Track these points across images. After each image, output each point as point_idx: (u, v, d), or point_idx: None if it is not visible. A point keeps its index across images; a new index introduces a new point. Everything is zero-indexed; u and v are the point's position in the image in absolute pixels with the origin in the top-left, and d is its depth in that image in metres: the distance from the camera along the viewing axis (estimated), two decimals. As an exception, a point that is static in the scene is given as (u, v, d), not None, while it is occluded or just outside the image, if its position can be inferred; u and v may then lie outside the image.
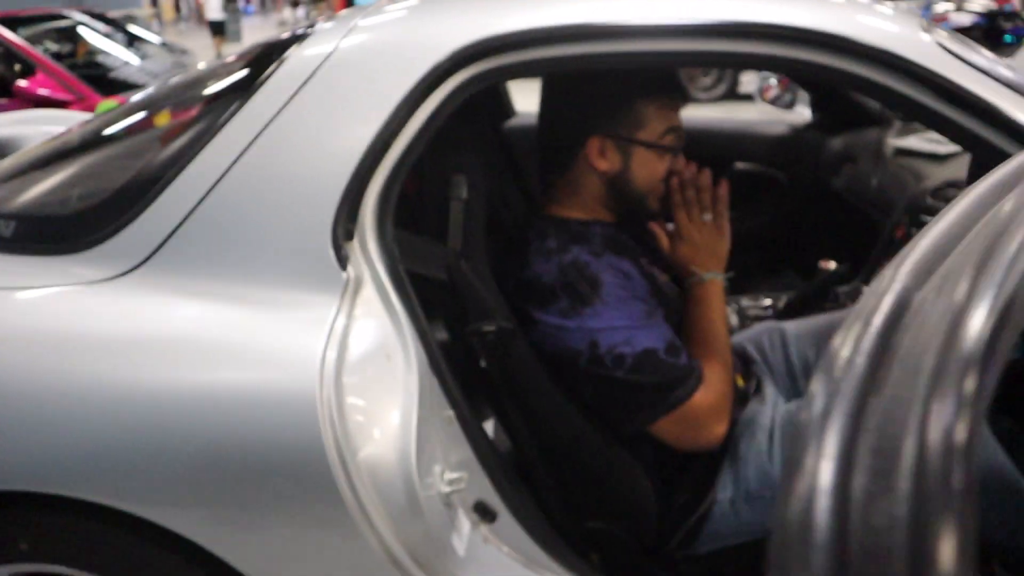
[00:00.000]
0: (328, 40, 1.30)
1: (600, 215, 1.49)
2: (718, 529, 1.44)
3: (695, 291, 1.48)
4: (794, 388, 1.68)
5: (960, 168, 2.23)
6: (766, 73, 3.26)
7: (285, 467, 1.12)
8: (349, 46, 1.28)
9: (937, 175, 2.21)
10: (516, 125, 2.81)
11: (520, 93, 2.67)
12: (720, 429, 1.37)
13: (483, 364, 1.39)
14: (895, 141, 2.54)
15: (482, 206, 1.50)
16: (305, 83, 1.25)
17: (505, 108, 2.83)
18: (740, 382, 1.57)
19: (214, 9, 17.42)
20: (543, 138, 1.53)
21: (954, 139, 1.29)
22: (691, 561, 1.47)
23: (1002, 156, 1.21)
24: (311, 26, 1.44)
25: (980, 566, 1.65)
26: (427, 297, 1.32)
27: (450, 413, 1.27)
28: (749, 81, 9.05)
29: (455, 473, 1.23)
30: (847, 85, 1.31)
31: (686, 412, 1.34)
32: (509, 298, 1.43)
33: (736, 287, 2.43)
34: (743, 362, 1.65)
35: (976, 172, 1.83)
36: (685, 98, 1.46)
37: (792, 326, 1.80)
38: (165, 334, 1.17)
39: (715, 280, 1.47)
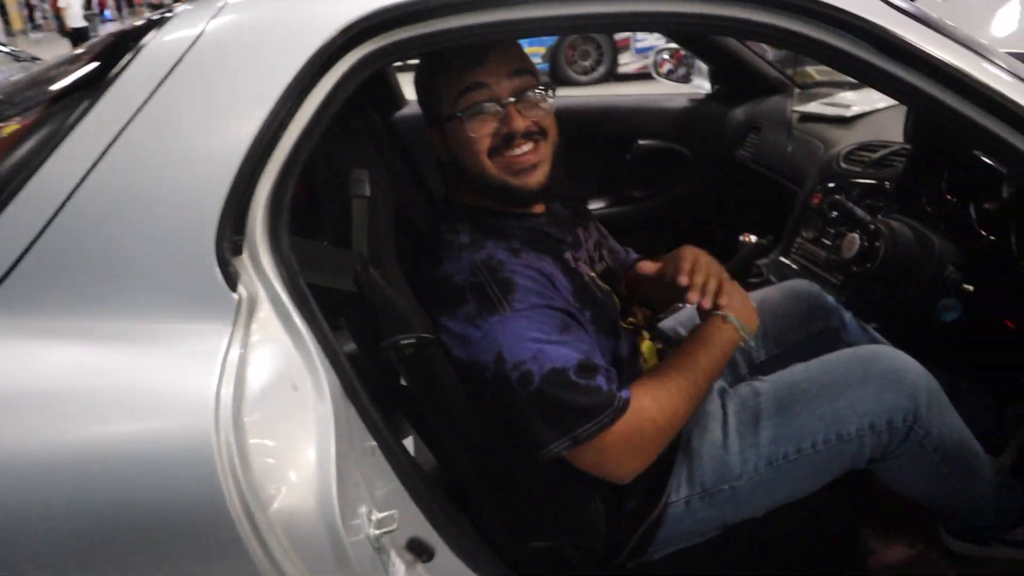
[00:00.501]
0: (193, 22, 1.11)
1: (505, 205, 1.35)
2: (673, 532, 1.34)
3: (712, 326, 1.33)
4: (734, 370, 1.60)
5: (867, 130, 2.22)
6: (657, 46, 3.19)
7: (183, 529, 0.94)
8: (219, 27, 1.10)
9: (846, 138, 2.19)
10: (408, 115, 2.65)
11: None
12: (634, 465, 1.22)
13: (404, 382, 1.23)
14: (798, 107, 2.51)
15: (387, 203, 1.34)
16: (168, 74, 1.06)
17: (394, 97, 2.66)
18: None
19: (75, 16, 16.27)
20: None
21: (892, 93, 1.21)
22: (645, 567, 1.37)
23: (943, 108, 1.15)
24: (170, 9, 1.24)
25: (928, 532, 1.62)
26: (334, 312, 1.16)
27: (372, 443, 1.12)
28: (628, 62, 9.11)
29: (384, 512, 1.07)
30: (782, 43, 1.21)
31: (595, 446, 1.17)
32: (422, 302, 1.28)
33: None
34: (676, 346, 1.55)
35: (917, 127, 1.80)
36: (480, 59, 1.25)
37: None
38: (24, 386, 0.97)
39: (735, 328, 1.32)
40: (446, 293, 1.23)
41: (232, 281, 1.01)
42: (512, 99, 1.25)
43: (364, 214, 1.22)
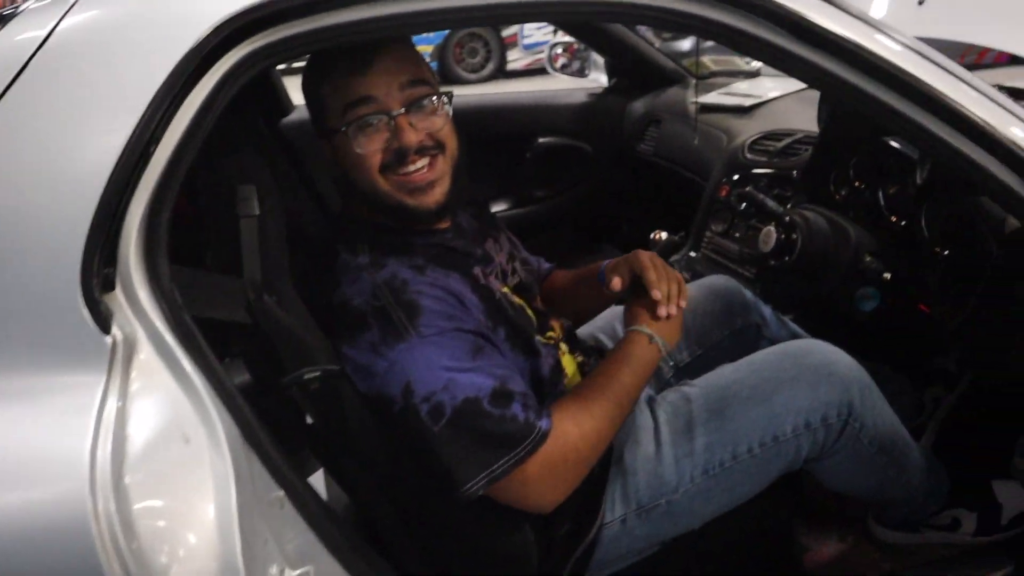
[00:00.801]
0: (42, 20, 0.96)
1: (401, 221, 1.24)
2: (609, 553, 1.27)
3: (635, 344, 1.25)
4: (658, 375, 1.54)
5: (767, 118, 2.21)
6: (550, 41, 3.14)
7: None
8: (74, 26, 0.95)
9: (748, 128, 2.17)
10: (297, 120, 2.49)
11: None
12: (556, 496, 1.13)
13: (309, 419, 1.12)
14: (697, 98, 2.49)
15: (279, 220, 1.21)
16: (12, 83, 0.91)
17: (281, 102, 2.50)
18: None
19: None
20: None
21: (803, 77, 1.17)
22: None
23: (855, 92, 1.11)
24: (16, 5, 1.07)
25: (858, 524, 1.61)
26: (227, 348, 1.03)
27: (279, 493, 0.99)
28: (517, 58, 9.08)
29: (298, 569, 0.96)
30: (681, 28, 1.14)
31: (515, 479, 1.08)
32: (323, 329, 1.16)
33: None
34: (599, 355, 1.48)
35: (831, 113, 1.78)
36: (365, 62, 1.13)
37: (642, 307, 1.65)
38: None
39: (657, 346, 1.26)
40: (346, 319, 1.11)
41: (104, 322, 0.88)
42: (403, 111, 1.14)
43: (254, 235, 1.09)
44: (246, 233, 1.09)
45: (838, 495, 1.48)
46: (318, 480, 1.44)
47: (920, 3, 1.48)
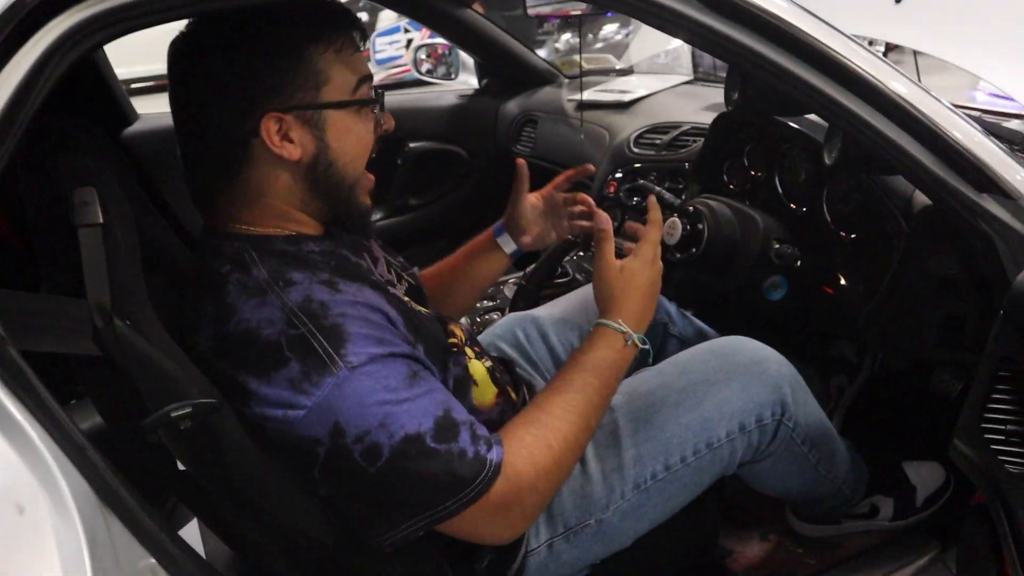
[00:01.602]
0: None
1: (303, 226, 1.06)
2: (536, 584, 1.13)
3: (607, 347, 1.08)
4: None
5: (648, 113, 2.16)
6: (417, 44, 3.01)
7: None
8: None
9: (630, 123, 2.11)
10: (141, 131, 2.25)
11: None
12: (513, 533, 1.01)
13: (181, 466, 0.93)
14: (573, 96, 2.43)
15: (130, 234, 1.01)
16: None
17: (123, 111, 2.25)
18: (513, 396, 1.26)
19: None
20: (189, 135, 1.04)
21: (715, 50, 1.09)
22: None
23: (774, 67, 1.05)
24: None
25: (778, 521, 1.56)
26: (72, 389, 0.83)
27: (149, 561, 0.81)
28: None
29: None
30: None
31: (464, 518, 0.94)
32: (205, 360, 0.97)
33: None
34: (503, 366, 1.35)
35: (744, 94, 1.71)
36: (364, 36, 1.05)
37: (544, 312, 1.55)
38: None
39: (636, 345, 1.10)
40: (254, 352, 0.92)
41: None
42: None
43: (99, 248, 0.90)
44: (87, 246, 0.88)
45: (759, 495, 1.42)
46: (191, 532, 1.24)
47: (897, 1, 1.45)
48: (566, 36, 6.94)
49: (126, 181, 1.33)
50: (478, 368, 1.19)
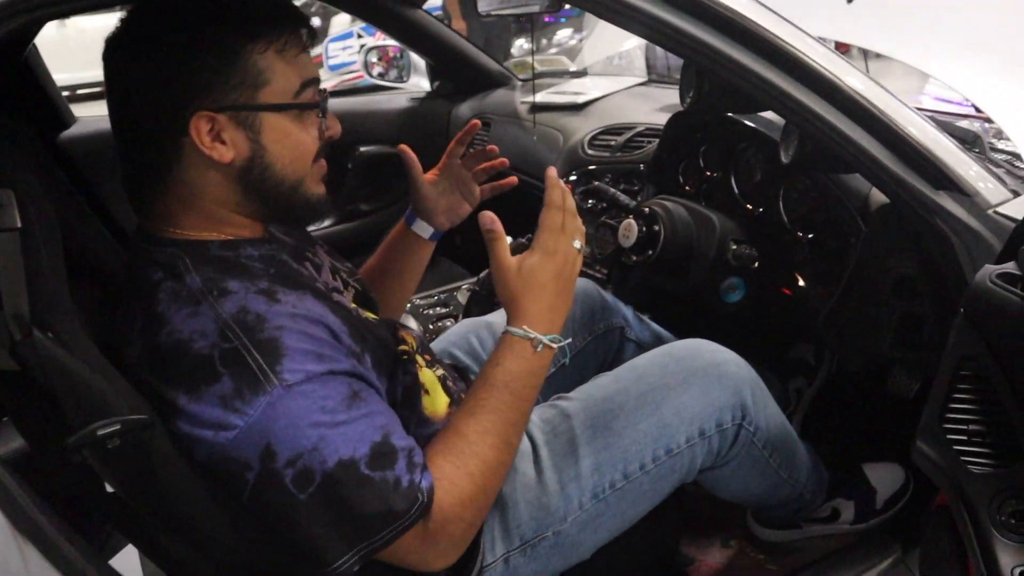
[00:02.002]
0: None
1: (241, 230, 1.00)
2: (493, 602, 1.09)
3: (516, 356, 1.00)
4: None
5: (602, 115, 2.14)
6: (368, 47, 2.95)
7: None
8: None
9: (584, 125, 2.08)
10: (80, 134, 2.16)
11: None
12: (447, 561, 0.96)
13: (110, 488, 0.87)
14: (526, 98, 2.39)
15: (53, 240, 0.94)
16: None
17: (60, 114, 2.16)
18: None
19: None
20: (123, 134, 0.98)
21: (671, 45, 1.06)
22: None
23: (735, 66, 1.02)
24: None
25: (738, 527, 1.54)
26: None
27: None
28: (323, 80, 8.72)
29: None
30: None
31: (399, 547, 0.90)
32: (133, 373, 0.91)
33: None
34: (457, 373, 1.31)
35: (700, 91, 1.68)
36: (312, 35, 0.99)
37: (498, 318, 1.50)
38: None
39: (549, 348, 1.01)
40: (184, 366, 0.87)
41: None
42: None
43: (15, 254, 0.83)
44: (3, 252, 0.82)
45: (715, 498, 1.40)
46: (128, 559, 1.18)
47: (849, 1, 1.44)
48: (519, 41, 6.93)
49: (55, 184, 1.26)
50: (429, 376, 1.15)
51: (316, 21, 9.28)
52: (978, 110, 1.83)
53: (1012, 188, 1.18)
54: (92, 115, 2.22)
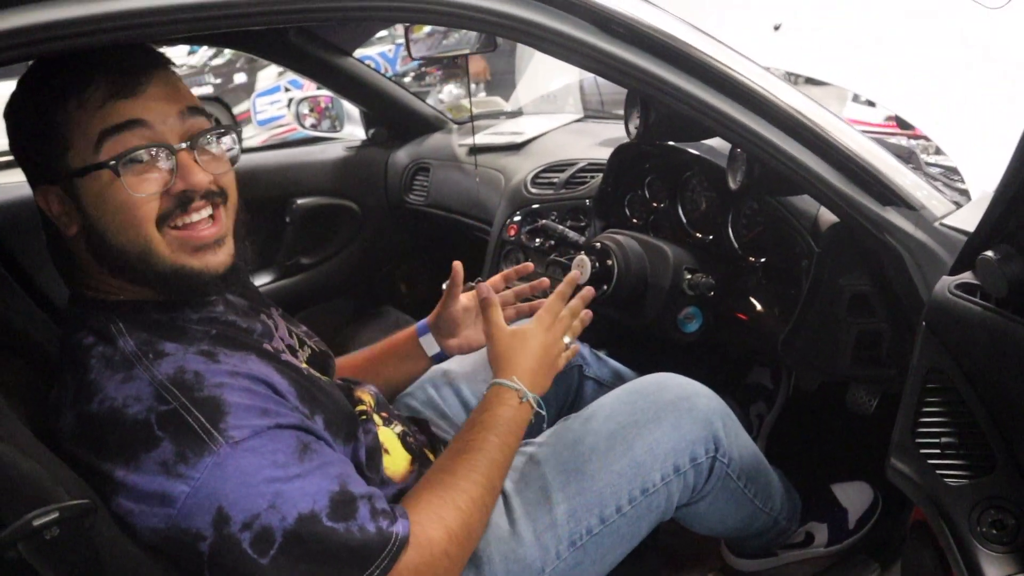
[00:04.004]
0: None
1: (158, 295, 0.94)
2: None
3: (502, 404, 1.06)
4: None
5: (542, 153, 2.13)
6: (298, 98, 2.91)
7: None
8: None
9: (525, 164, 2.07)
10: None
11: None
12: None
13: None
14: (464, 141, 2.38)
15: None
16: None
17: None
18: (431, 458, 1.18)
19: None
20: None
21: (616, 76, 1.06)
22: None
23: (680, 94, 1.02)
24: None
25: (714, 557, 1.51)
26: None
27: None
28: (251, 135, 8.64)
29: None
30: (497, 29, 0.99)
31: None
32: (67, 449, 0.84)
33: (332, 337, 2.02)
34: (417, 427, 1.26)
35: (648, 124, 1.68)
36: (133, 82, 0.86)
37: (454, 365, 1.46)
38: None
39: (529, 405, 1.08)
40: (119, 434, 0.81)
41: None
42: (185, 144, 0.88)
43: None
44: None
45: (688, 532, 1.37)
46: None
47: (776, 28, 1.46)
48: (449, 87, 6.98)
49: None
50: (388, 436, 1.12)
51: (242, 77, 9.21)
52: (903, 127, 1.88)
53: (953, 200, 1.20)
54: (7, 182, 2.13)
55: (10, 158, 0.92)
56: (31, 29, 0.73)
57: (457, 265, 1.30)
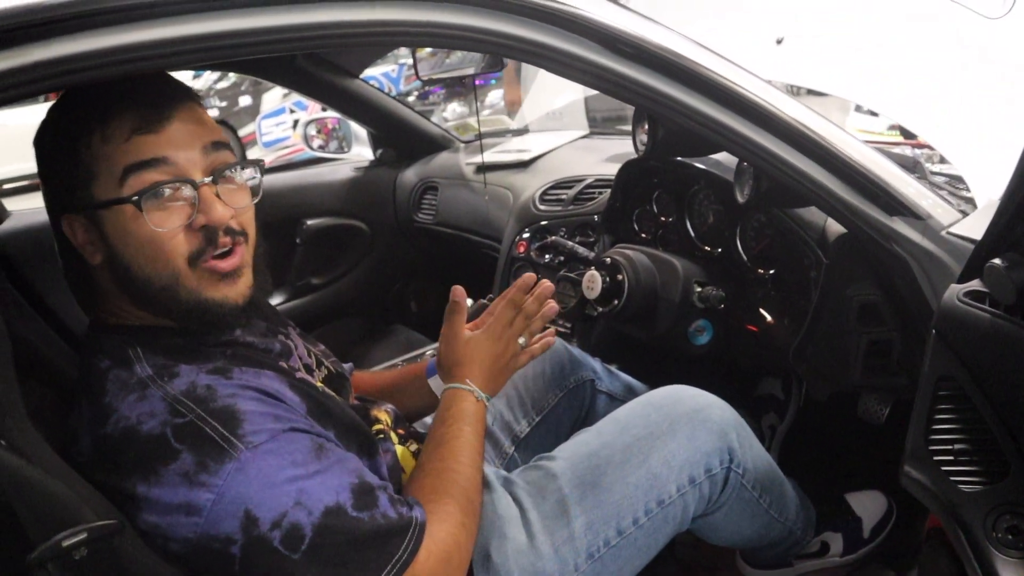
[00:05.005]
0: None
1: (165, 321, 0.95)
2: None
3: (462, 400, 1.11)
4: (498, 449, 1.35)
5: (550, 170, 2.15)
6: (305, 120, 2.95)
7: None
8: None
9: (533, 181, 2.09)
10: (14, 228, 2.09)
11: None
12: None
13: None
14: (471, 159, 2.40)
15: (1, 341, 0.89)
16: None
17: (-10, 210, 2.09)
18: None
19: None
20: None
21: (625, 95, 1.07)
22: None
23: (685, 109, 1.04)
24: None
25: (729, 568, 1.51)
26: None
27: None
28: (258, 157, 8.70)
29: None
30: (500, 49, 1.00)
31: None
32: (86, 472, 0.85)
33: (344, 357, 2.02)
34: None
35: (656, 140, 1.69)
36: (158, 117, 0.87)
37: (467, 380, 1.47)
38: None
39: (484, 404, 1.13)
40: (135, 451, 0.82)
41: None
42: (208, 179, 0.90)
43: None
44: None
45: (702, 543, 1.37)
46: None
47: (779, 42, 1.48)
48: (452, 105, 7.03)
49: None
50: (404, 454, 1.14)
51: (247, 100, 9.29)
52: (907, 136, 1.90)
53: (959, 209, 1.21)
54: (26, 208, 2.15)
55: (22, 184, 0.95)
56: (45, 64, 0.75)
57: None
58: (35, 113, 0.99)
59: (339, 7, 0.88)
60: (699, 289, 1.44)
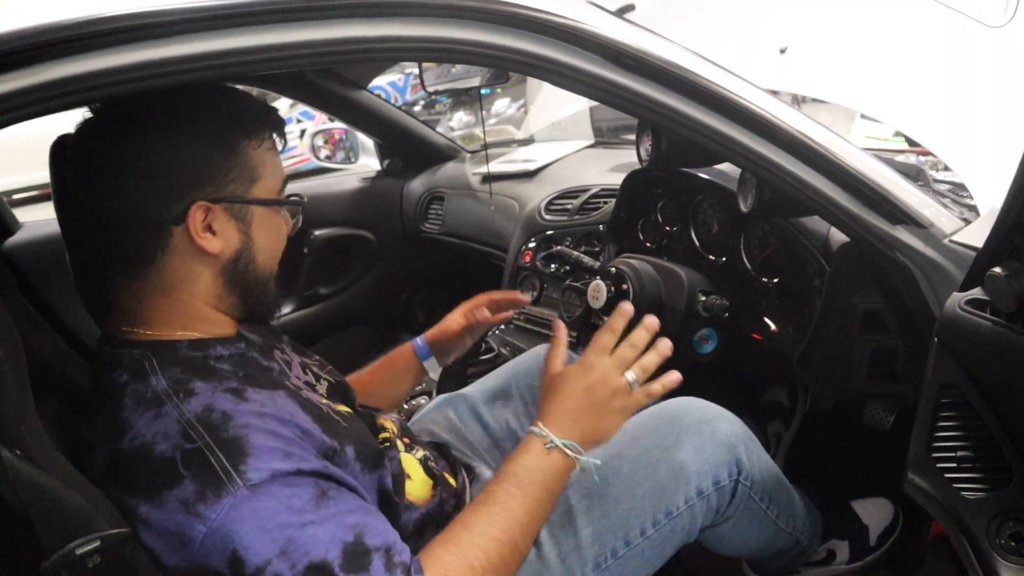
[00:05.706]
0: None
1: (213, 326, 0.98)
2: None
3: (528, 451, 0.99)
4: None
5: (555, 179, 2.17)
6: (312, 131, 2.97)
7: None
8: None
9: (539, 191, 2.11)
10: (25, 240, 2.11)
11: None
12: None
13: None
14: (477, 169, 2.42)
15: (16, 355, 0.90)
16: None
17: (2, 220, 2.11)
18: (452, 482, 1.20)
19: None
20: (87, 228, 0.96)
21: (627, 107, 1.09)
22: None
23: (690, 122, 1.05)
24: None
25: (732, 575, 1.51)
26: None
27: None
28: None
29: None
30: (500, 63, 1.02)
31: None
32: (100, 484, 0.87)
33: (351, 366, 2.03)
34: (438, 451, 1.28)
35: (659, 151, 1.70)
36: (284, 138, 1.04)
37: (473, 390, 1.48)
38: None
39: (561, 453, 0.98)
40: (145, 471, 0.83)
41: None
42: None
43: None
44: None
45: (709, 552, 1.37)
46: None
47: (782, 52, 1.49)
48: (459, 114, 7.06)
49: (6, 295, 1.22)
50: (410, 461, 1.13)
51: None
52: (911, 144, 1.90)
53: (962, 217, 1.22)
54: (37, 219, 2.17)
55: (32, 194, 0.96)
56: (55, 83, 0.77)
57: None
58: (44, 124, 1.00)
59: (352, 23, 0.90)
60: (703, 298, 1.45)
